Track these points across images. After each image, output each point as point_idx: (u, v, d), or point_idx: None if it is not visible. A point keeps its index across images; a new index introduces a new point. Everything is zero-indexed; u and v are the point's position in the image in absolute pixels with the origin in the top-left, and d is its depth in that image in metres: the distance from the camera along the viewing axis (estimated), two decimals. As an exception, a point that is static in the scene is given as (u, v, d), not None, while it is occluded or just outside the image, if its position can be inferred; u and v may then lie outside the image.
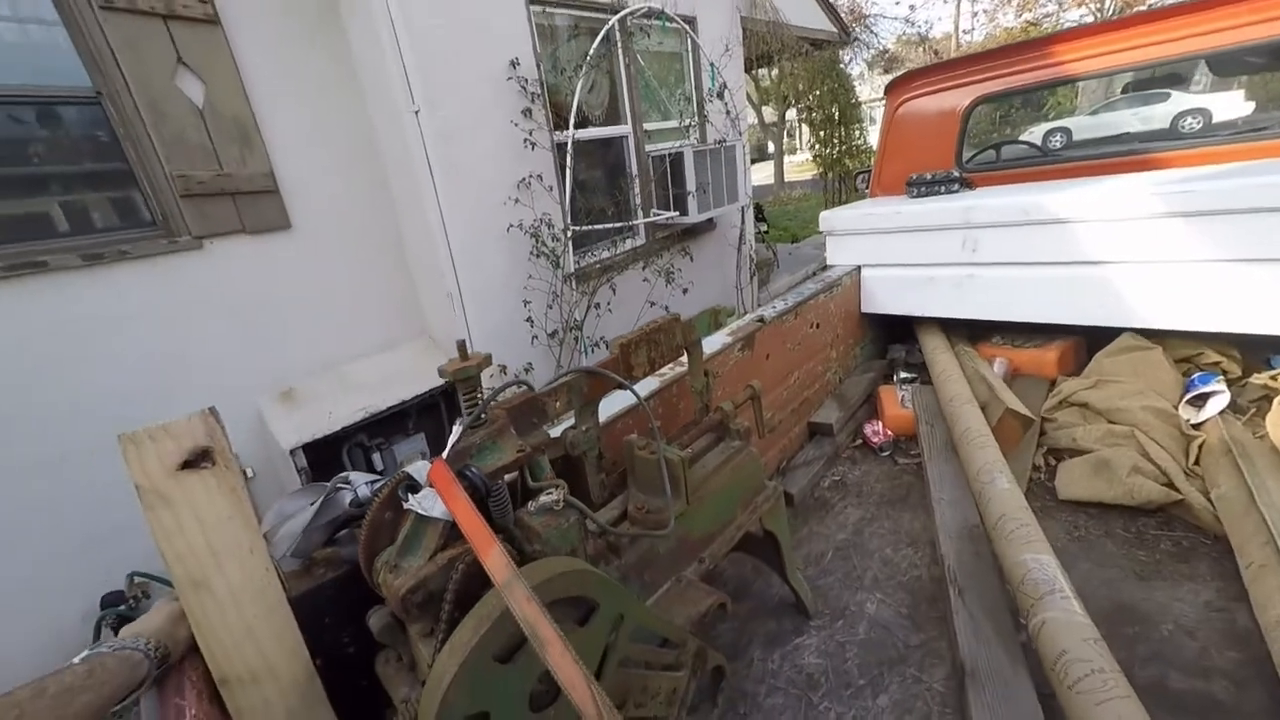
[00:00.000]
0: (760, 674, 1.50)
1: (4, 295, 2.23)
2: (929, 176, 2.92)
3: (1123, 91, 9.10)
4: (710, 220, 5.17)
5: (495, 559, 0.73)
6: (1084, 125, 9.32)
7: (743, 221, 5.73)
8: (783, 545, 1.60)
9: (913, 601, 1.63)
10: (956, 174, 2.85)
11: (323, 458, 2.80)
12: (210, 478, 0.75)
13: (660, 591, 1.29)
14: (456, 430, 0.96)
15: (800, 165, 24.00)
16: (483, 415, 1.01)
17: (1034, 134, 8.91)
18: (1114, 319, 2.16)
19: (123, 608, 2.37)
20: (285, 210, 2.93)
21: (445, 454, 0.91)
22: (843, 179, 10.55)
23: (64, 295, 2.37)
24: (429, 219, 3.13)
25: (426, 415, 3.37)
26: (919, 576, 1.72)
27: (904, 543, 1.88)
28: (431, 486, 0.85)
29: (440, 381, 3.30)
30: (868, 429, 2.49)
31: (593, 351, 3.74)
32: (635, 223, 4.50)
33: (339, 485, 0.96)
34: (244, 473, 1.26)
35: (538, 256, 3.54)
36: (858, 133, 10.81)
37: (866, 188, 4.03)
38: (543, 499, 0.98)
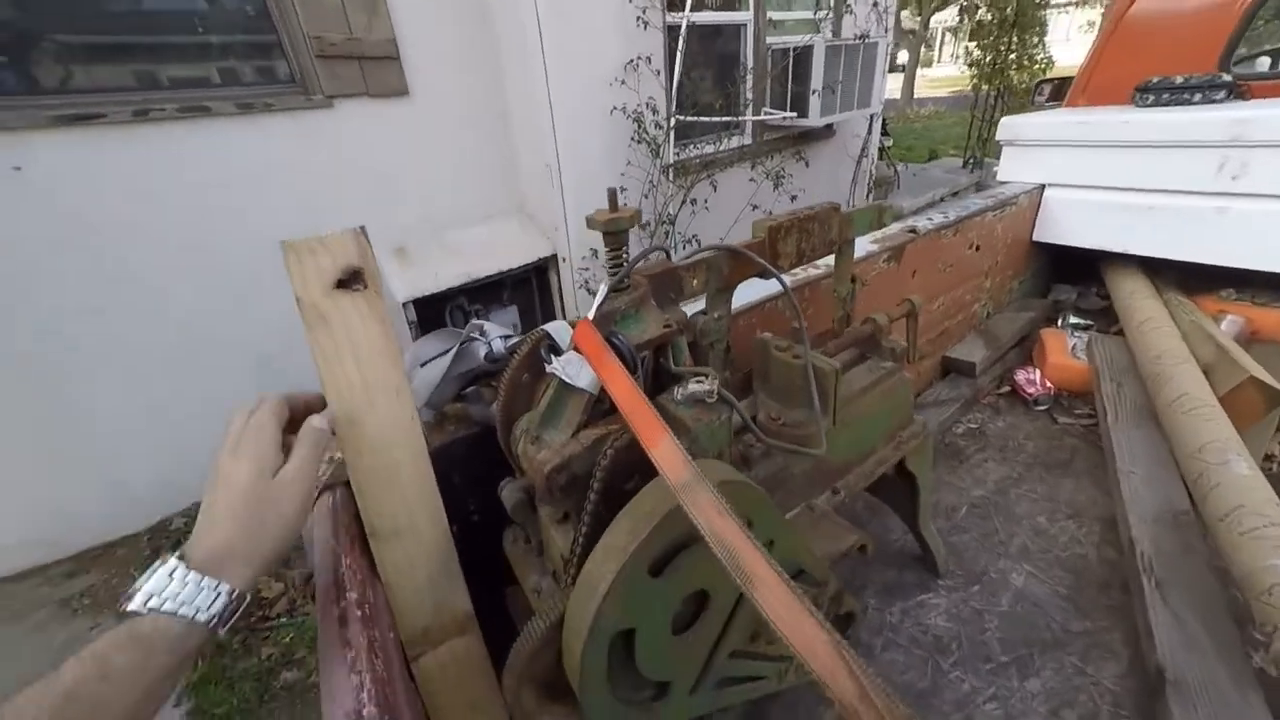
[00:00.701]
0: (877, 625, 1.34)
1: (177, 132, 2.47)
2: (1178, 81, 2.22)
3: None
4: (830, 126, 4.59)
5: (669, 453, 0.56)
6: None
7: (869, 131, 5.04)
8: (922, 490, 1.37)
9: (1076, 583, 1.37)
10: (1226, 78, 2.14)
11: (428, 314, 2.98)
12: (363, 302, 0.66)
13: (787, 517, 1.14)
14: (602, 291, 0.79)
15: (933, 81, 20.80)
16: (626, 280, 0.84)
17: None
18: None
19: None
20: (404, 77, 2.91)
21: (590, 315, 0.75)
22: (1000, 94, 8.68)
23: (225, 137, 2.56)
24: (535, 94, 3.03)
25: (519, 289, 3.48)
26: (1084, 555, 1.44)
27: (1063, 514, 1.58)
28: (577, 351, 0.70)
29: (533, 258, 3.36)
30: (1020, 376, 2.12)
31: (683, 249, 3.52)
32: (743, 119, 4.05)
33: (472, 336, 0.83)
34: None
35: (638, 143, 3.36)
36: (1035, 39, 8.85)
37: (1045, 100, 3.27)
38: (693, 387, 0.81)
